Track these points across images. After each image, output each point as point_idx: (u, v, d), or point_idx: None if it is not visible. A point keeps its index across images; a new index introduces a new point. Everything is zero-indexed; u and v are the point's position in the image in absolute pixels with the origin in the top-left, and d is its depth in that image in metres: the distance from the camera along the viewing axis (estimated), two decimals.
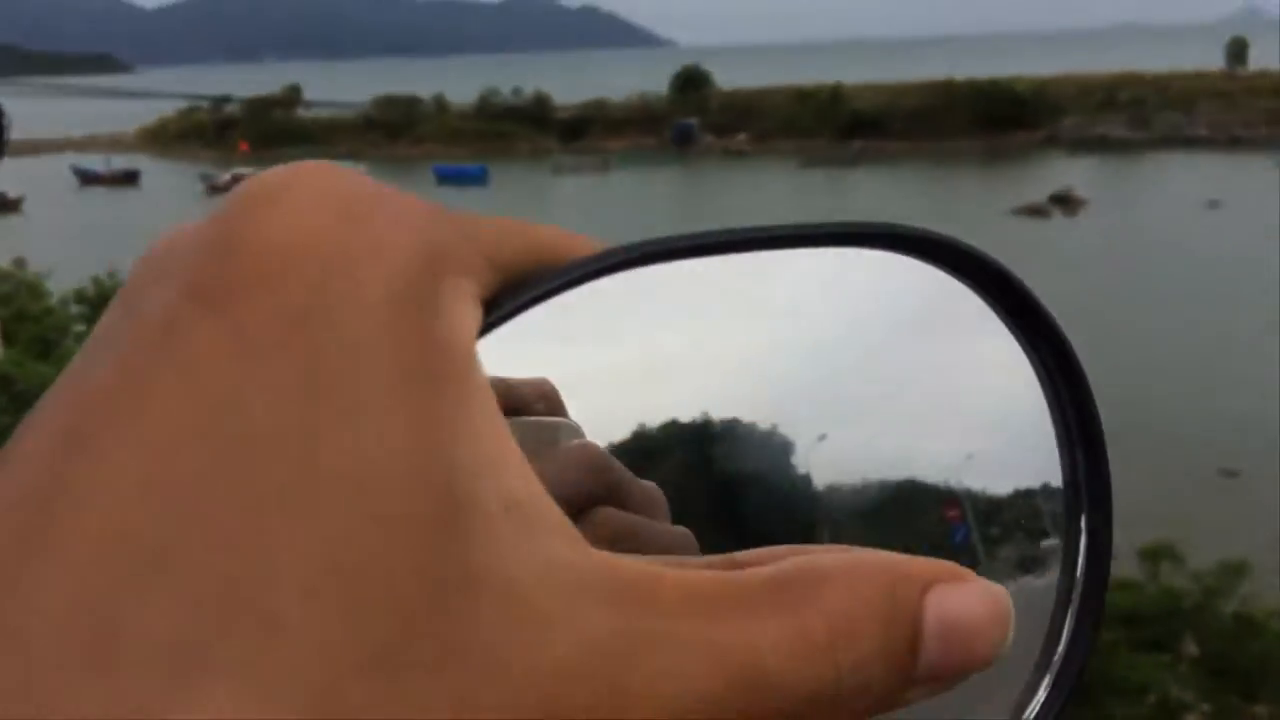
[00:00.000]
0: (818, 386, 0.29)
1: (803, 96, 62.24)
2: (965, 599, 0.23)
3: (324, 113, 72.63)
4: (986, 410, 0.32)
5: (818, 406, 0.29)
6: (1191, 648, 7.20)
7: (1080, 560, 0.30)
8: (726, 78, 68.95)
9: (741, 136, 60.88)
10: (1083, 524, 0.30)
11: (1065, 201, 37.10)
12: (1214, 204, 35.61)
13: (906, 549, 0.27)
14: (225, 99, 75.78)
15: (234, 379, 0.20)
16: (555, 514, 0.21)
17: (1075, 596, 0.29)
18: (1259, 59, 68.67)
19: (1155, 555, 7.61)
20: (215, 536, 0.19)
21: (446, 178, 50.40)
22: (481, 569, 0.19)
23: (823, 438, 0.28)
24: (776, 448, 0.29)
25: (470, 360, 0.21)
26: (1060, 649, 0.29)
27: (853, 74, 69.78)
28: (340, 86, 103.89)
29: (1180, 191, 38.73)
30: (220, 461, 0.19)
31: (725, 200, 42.96)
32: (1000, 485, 0.30)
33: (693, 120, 61.70)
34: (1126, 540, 7.64)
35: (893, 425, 0.30)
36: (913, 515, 0.30)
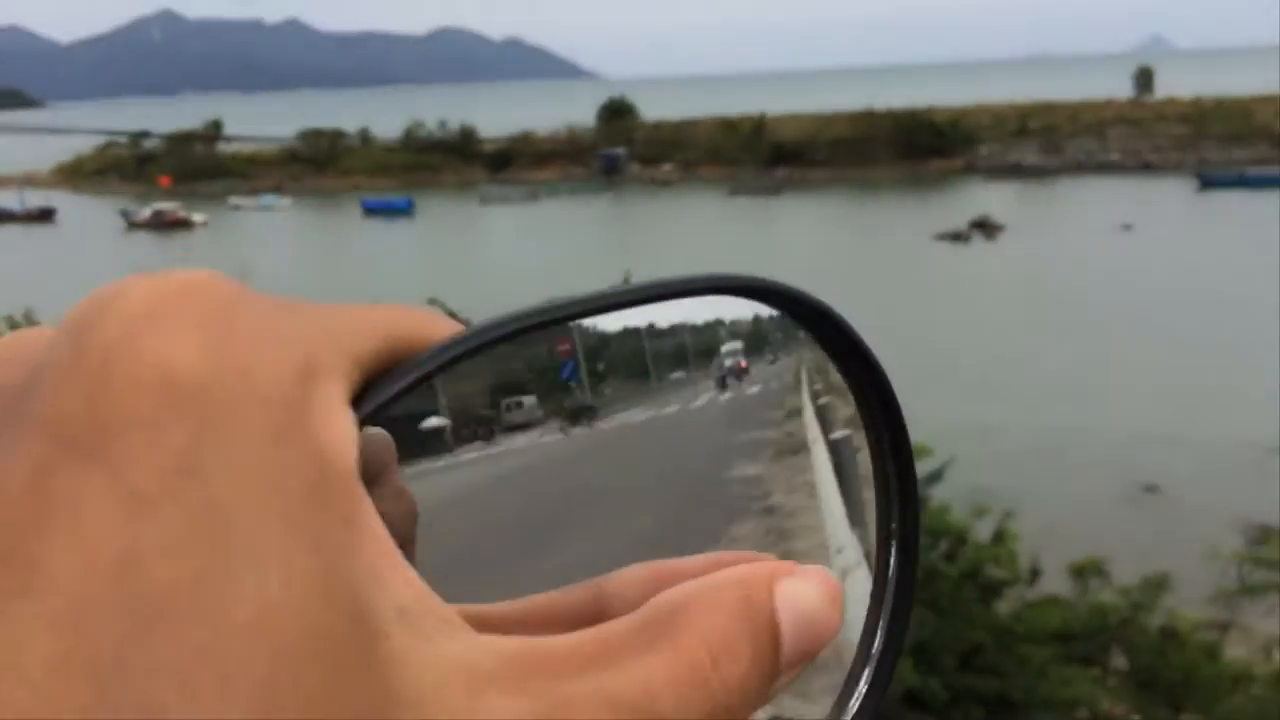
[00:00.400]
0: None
1: (728, 127, 62.94)
2: (807, 589, 0.24)
3: (246, 147, 71.78)
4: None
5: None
6: (1120, 661, 7.32)
7: (892, 563, 0.31)
8: (652, 109, 69.45)
9: (668, 166, 61.30)
10: (893, 529, 0.32)
11: (984, 227, 37.98)
12: (1127, 227, 36.63)
13: (509, 373, 0.28)
14: (144, 134, 74.39)
15: (127, 537, 0.19)
16: (438, 608, 0.21)
17: (888, 596, 0.31)
18: (1166, 87, 71.03)
19: (1084, 572, 7.74)
20: (141, 711, 0.18)
21: (374, 210, 50.16)
22: (396, 686, 0.20)
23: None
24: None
25: (351, 471, 0.21)
26: (876, 645, 0.31)
27: (776, 104, 70.73)
28: (262, 120, 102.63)
29: (1094, 215, 39.77)
30: (130, 629, 0.18)
31: (653, 228, 43.14)
32: (611, 325, 0.30)
33: (620, 150, 62.03)
34: (1056, 557, 7.77)
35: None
36: (525, 346, 0.30)
